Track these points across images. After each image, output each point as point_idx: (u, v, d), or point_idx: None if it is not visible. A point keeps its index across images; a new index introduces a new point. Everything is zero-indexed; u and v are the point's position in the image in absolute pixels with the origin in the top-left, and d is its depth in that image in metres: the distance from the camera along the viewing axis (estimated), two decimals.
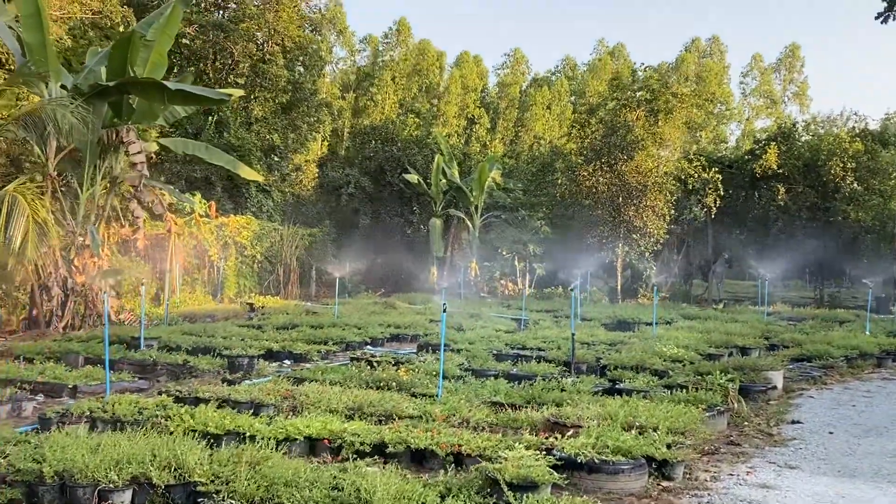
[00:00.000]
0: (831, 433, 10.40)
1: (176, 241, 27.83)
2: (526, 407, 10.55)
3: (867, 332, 20.81)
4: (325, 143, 47.39)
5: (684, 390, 11.65)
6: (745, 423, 11.00)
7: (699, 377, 12.68)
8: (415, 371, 12.56)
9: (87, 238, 18.44)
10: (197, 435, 7.88)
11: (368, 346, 17.99)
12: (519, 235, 36.10)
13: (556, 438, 8.20)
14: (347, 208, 39.32)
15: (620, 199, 34.13)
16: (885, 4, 14.90)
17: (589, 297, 34.66)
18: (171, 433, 7.89)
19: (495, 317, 24.83)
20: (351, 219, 39.46)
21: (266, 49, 41.84)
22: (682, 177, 35.65)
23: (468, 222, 37.00)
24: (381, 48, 73.87)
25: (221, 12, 42.95)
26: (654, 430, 8.70)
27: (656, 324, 22.36)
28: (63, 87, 18.51)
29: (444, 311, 11.27)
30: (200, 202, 27.35)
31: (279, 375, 12.27)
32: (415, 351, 17.05)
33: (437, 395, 10.88)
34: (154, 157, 29.45)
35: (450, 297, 33.67)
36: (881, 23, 15.08)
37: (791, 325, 24.78)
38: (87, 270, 18.68)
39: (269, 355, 15.00)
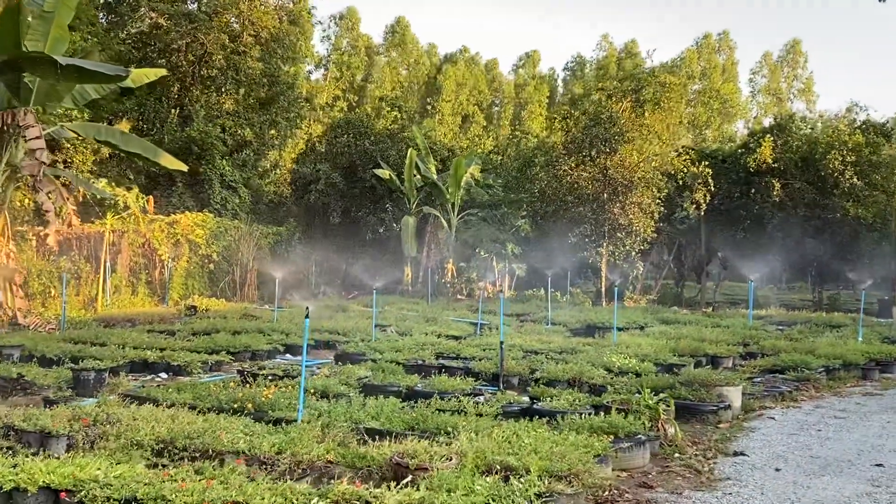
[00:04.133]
0: (778, 470, 8.27)
1: (115, 240, 25.94)
2: (406, 435, 8.51)
3: (859, 339, 18.67)
4: (304, 140, 45.30)
5: (609, 412, 9.56)
6: (676, 454, 8.89)
7: (639, 394, 10.61)
8: (293, 388, 10.51)
9: None
10: None
11: (288, 356, 16.00)
12: (497, 234, 33.95)
13: (387, 487, 6.14)
14: (317, 205, 37.25)
15: (605, 195, 31.98)
16: None
17: (571, 300, 32.61)
18: None
19: (454, 321, 22.79)
20: (320, 217, 37.38)
21: (240, 41, 39.96)
22: (672, 172, 33.46)
23: (443, 221, 34.87)
24: (379, 46, 72.07)
25: (195, 3, 41.11)
26: (527, 472, 6.63)
27: (617, 330, 20.40)
28: None
29: (307, 315, 9.19)
30: (139, 197, 25.34)
31: (122, 394, 10.27)
32: (331, 360, 14.99)
33: (297, 420, 8.86)
34: (100, 150, 27.59)
35: (418, 299, 31.67)
36: (879, 1, 13.28)
37: (779, 330, 22.61)
38: None
39: (145, 366, 12.99)
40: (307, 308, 9.30)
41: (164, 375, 12.77)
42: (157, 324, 19.88)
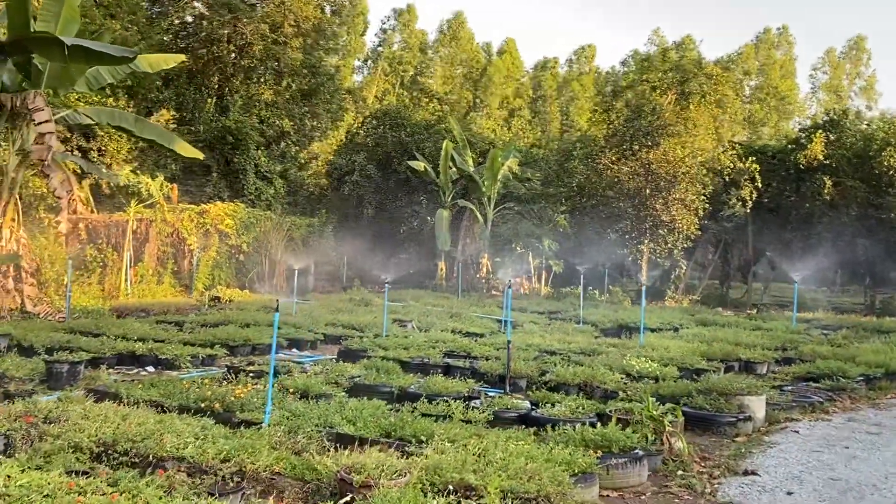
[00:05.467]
0: (790, 494, 7.32)
1: (142, 228, 25.66)
2: (379, 442, 7.78)
3: None
4: (344, 132, 44.79)
5: (613, 423, 8.70)
6: (680, 471, 7.98)
7: (656, 402, 9.74)
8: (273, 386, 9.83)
9: None
10: None
11: (294, 351, 15.37)
12: (534, 229, 32.98)
13: None
14: (351, 197, 36.67)
15: (647, 190, 30.84)
16: None
17: (609, 299, 31.55)
18: None
19: (479, 317, 21.97)
20: (354, 209, 36.79)
21: (281, 31, 39.53)
22: (719, 168, 32.18)
23: (479, 214, 34.00)
24: (432, 41, 71.54)
25: None
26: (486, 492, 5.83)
27: (651, 331, 19.51)
28: None
29: (277, 309, 8.47)
30: (163, 185, 24.95)
31: (90, 389, 9.68)
32: (335, 357, 14.30)
33: (263, 423, 8.17)
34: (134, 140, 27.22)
35: (449, 294, 30.86)
36: None
37: (823, 334, 21.39)
38: None
39: (133, 359, 12.42)
40: (277, 300, 8.59)
41: (151, 369, 12.18)
42: (173, 314, 19.45)
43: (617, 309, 27.15)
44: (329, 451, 7.30)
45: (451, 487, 5.99)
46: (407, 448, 7.46)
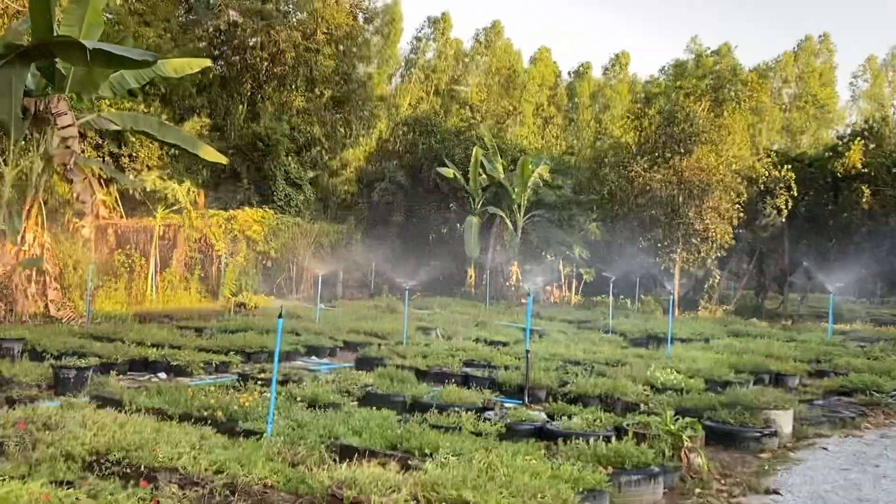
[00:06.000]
0: None
1: (169, 234, 25.70)
2: (384, 454, 7.52)
3: None
4: (376, 139, 44.65)
5: (629, 437, 8.35)
6: (698, 489, 7.61)
7: (677, 416, 9.38)
8: (280, 395, 9.61)
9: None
10: None
11: (314, 358, 15.16)
12: (564, 237, 32.57)
13: None
14: (381, 204, 36.53)
15: (679, 198, 30.29)
16: None
17: (641, 308, 31.06)
18: None
19: (504, 326, 21.65)
20: (384, 215, 36.62)
21: (313, 38, 39.53)
22: (753, 175, 31.55)
23: (508, 222, 33.65)
24: (468, 49, 71.22)
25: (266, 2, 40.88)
26: None
27: (681, 341, 19.12)
28: None
29: (280, 316, 8.24)
30: (189, 191, 24.96)
31: (94, 395, 9.53)
32: (352, 365, 14.06)
33: (266, 433, 7.94)
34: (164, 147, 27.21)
35: (477, 301, 30.51)
36: None
37: (860, 347, 20.76)
38: (5, 259, 16.40)
39: (145, 365, 12.27)
40: (281, 308, 8.37)
41: (163, 375, 12.03)
42: (195, 320, 19.35)
43: (648, 319, 26.70)
44: (328, 463, 7.07)
45: None
46: (410, 461, 7.18)
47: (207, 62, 21.11)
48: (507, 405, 10.78)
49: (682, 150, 30.20)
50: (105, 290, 22.54)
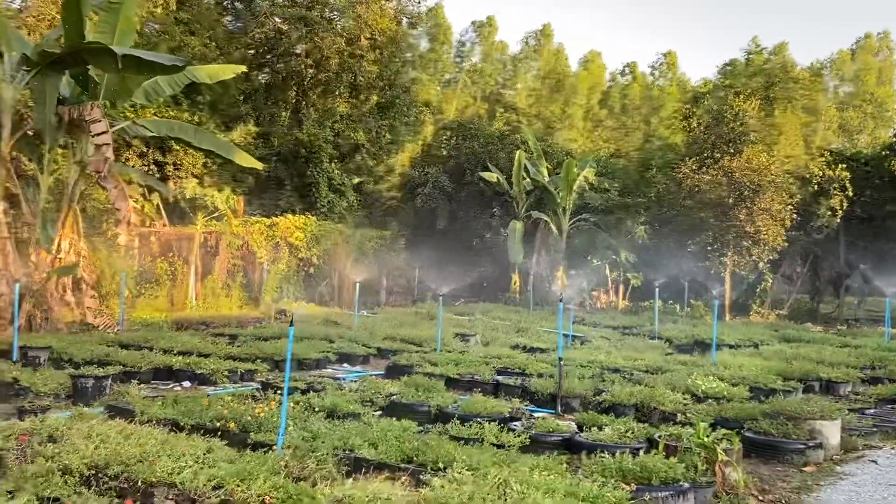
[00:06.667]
0: None
1: (212, 241, 25.73)
2: (397, 468, 7.18)
3: None
4: (421, 144, 44.43)
5: (660, 450, 7.88)
6: None
7: (715, 426, 8.93)
8: (297, 405, 9.33)
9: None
10: None
11: (346, 366, 14.89)
12: (611, 241, 31.91)
13: None
14: (424, 209, 36.25)
15: (730, 200, 29.44)
16: None
17: (690, 313, 30.26)
18: None
19: (545, 332, 21.16)
20: (427, 221, 36.32)
21: (357, 44, 39.47)
22: (806, 175, 30.59)
23: (553, 226, 33.09)
24: (515, 53, 70.80)
25: (312, 9, 40.96)
26: None
27: (729, 347, 18.50)
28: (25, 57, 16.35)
29: (292, 324, 7.93)
30: (229, 198, 24.94)
31: (108, 405, 9.34)
32: (382, 373, 13.74)
33: (277, 445, 7.63)
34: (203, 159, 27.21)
35: (520, 307, 30.00)
36: None
37: None
38: (41, 267, 16.43)
39: (170, 374, 12.09)
40: (291, 316, 8.06)
41: (186, 384, 11.83)
42: (233, 327, 19.23)
43: (696, 324, 25.98)
44: (336, 477, 6.74)
45: None
46: (422, 476, 6.81)
47: (242, 68, 21.02)
48: (536, 415, 10.37)
49: (732, 151, 29.39)
50: (146, 297, 22.63)
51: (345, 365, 14.90)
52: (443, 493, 5.83)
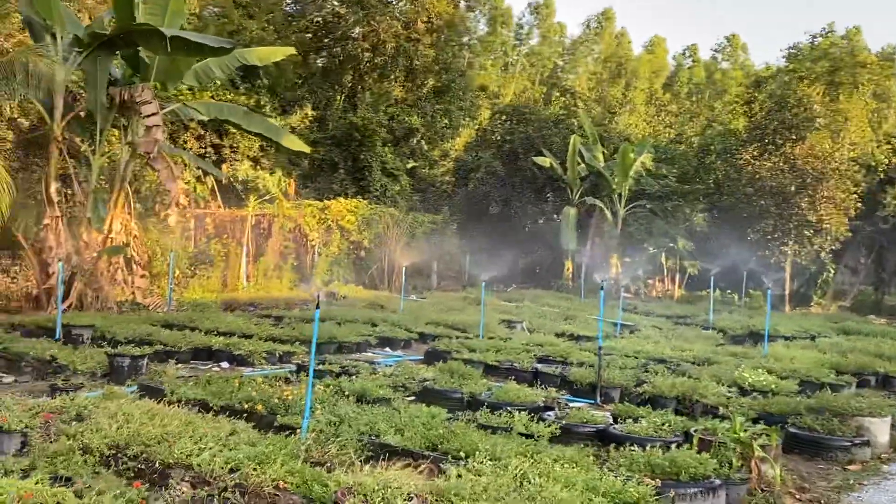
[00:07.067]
0: None
1: (264, 223, 25.94)
2: (421, 455, 7.05)
3: None
4: (476, 129, 44.12)
5: (694, 444, 7.60)
6: None
7: (758, 420, 8.65)
8: (327, 389, 9.27)
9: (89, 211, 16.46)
10: None
11: (387, 350, 14.83)
12: (667, 228, 31.29)
13: None
14: (476, 194, 36.01)
15: (791, 188, 28.63)
16: None
17: (749, 303, 29.59)
18: None
19: (594, 320, 20.81)
20: (479, 206, 36.06)
21: (413, 27, 39.33)
22: (872, 163, 29.59)
23: (608, 212, 32.58)
24: (575, 36, 70.10)
25: None
26: None
27: (785, 339, 17.99)
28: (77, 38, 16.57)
29: (318, 307, 7.84)
30: (280, 180, 25.07)
31: (141, 384, 9.39)
32: (421, 358, 13.63)
33: (301, 429, 7.55)
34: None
35: (573, 295, 29.63)
36: None
37: None
38: (92, 246, 16.70)
39: (209, 355, 12.16)
40: (318, 297, 7.97)
41: (225, 364, 11.89)
42: (281, 309, 19.33)
43: (753, 315, 25.32)
44: (355, 463, 6.63)
45: None
46: (443, 464, 6.66)
47: (291, 50, 21.07)
48: (572, 405, 10.14)
49: (795, 137, 28.56)
50: (199, 278, 22.88)
51: (386, 349, 14.85)
52: (457, 483, 5.67)
